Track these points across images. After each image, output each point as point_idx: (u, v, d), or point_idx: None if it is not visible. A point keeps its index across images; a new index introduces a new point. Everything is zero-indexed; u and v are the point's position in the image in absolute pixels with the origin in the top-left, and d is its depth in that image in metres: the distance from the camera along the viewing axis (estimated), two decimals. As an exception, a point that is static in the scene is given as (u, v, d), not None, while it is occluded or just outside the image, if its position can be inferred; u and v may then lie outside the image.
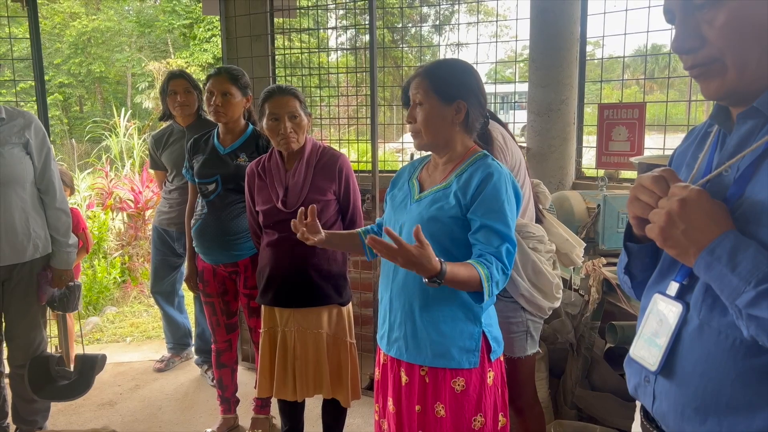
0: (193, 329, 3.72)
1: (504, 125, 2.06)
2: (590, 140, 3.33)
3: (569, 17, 3.11)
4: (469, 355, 1.61)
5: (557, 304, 2.00)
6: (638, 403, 1.06)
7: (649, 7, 2.96)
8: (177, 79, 3.26)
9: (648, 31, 3.01)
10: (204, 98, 2.62)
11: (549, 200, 2.23)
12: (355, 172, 2.47)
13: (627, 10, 3.05)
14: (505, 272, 1.56)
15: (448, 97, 1.62)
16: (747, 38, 0.85)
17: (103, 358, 2.83)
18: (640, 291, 1.09)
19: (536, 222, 2.08)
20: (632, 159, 2.58)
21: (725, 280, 0.81)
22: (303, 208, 1.75)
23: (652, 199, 0.91)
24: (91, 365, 2.75)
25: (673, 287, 0.95)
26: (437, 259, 1.42)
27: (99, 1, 18.26)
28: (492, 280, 1.51)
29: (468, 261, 1.53)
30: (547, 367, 2.61)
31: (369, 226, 2.00)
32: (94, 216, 5.78)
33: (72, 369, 2.76)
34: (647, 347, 0.97)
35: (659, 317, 0.96)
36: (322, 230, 1.77)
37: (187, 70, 13.97)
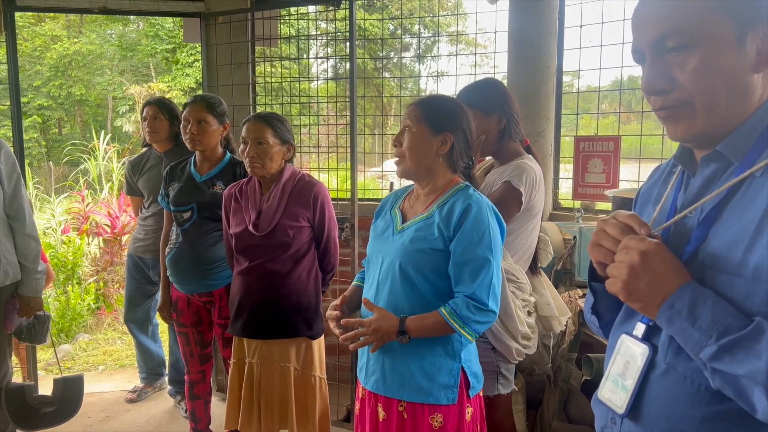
0: (167, 359, 3.64)
1: (539, 162, 2.09)
2: (568, 168, 3.37)
3: (546, 51, 3.17)
4: (448, 391, 1.60)
5: (528, 351, 1.99)
6: None
7: (623, 43, 3.03)
8: (148, 105, 3.28)
9: (622, 66, 3.07)
10: (181, 126, 2.61)
11: (549, 260, 2.25)
12: (335, 199, 2.47)
13: (602, 45, 3.13)
14: (481, 305, 1.56)
15: (436, 127, 1.65)
16: (717, 83, 0.87)
17: (81, 377, 2.78)
18: (607, 330, 1.09)
19: (533, 274, 2.10)
20: (606, 192, 2.62)
21: (687, 334, 0.82)
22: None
23: (614, 245, 0.92)
24: (76, 386, 2.70)
25: (640, 328, 0.95)
26: (392, 316, 1.57)
27: (81, 25, 18.24)
28: (457, 314, 1.54)
29: (435, 311, 1.58)
30: (525, 399, 2.59)
31: (362, 273, 1.95)
32: (69, 241, 5.68)
33: (51, 394, 2.68)
34: (614, 389, 0.96)
35: (626, 358, 0.95)
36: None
37: (169, 95, 14.01)
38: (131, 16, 15.78)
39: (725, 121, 0.89)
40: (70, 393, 2.67)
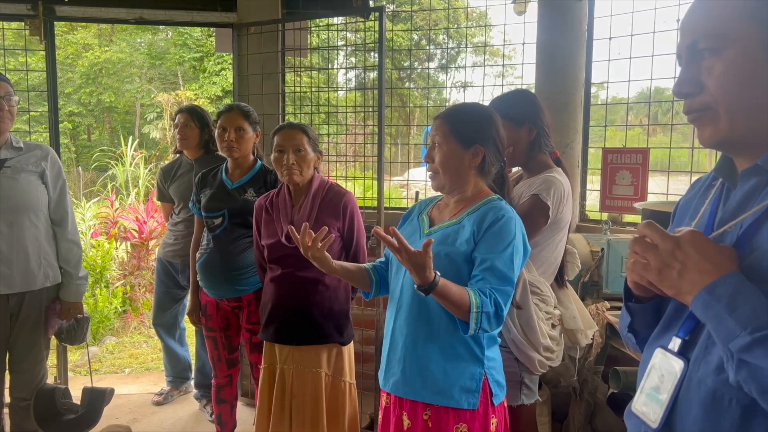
0: (193, 363, 3.69)
1: (568, 175, 2.09)
2: (595, 179, 3.36)
3: (575, 63, 3.18)
4: (469, 395, 1.60)
5: (551, 364, 1.99)
6: None
7: (652, 55, 3.02)
8: (180, 113, 3.36)
9: (651, 79, 3.07)
10: (216, 134, 2.66)
11: (575, 273, 2.24)
12: (361, 208, 2.49)
13: (631, 57, 3.12)
14: (498, 311, 1.53)
15: (466, 141, 1.67)
16: (742, 89, 0.87)
17: (111, 392, 2.81)
18: (644, 345, 1.09)
19: (559, 286, 2.10)
20: (636, 204, 2.60)
21: (721, 322, 0.81)
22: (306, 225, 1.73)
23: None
24: (99, 399, 2.73)
25: (675, 342, 0.94)
26: (435, 271, 1.46)
27: (112, 34, 18.64)
28: (482, 311, 1.50)
29: (465, 287, 1.54)
30: (550, 411, 2.58)
31: (378, 261, 1.99)
32: (98, 245, 5.80)
33: (78, 402, 2.73)
34: (649, 402, 0.96)
35: (661, 372, 0.95)
36: (327, 255, 1.76)
37: (196, 102, 14.21)
38: (160, 26, 16.08)
39: (757, 131, 0.88)
40: (94, 404, 2.71)
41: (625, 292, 1.09)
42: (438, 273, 1.47)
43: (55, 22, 3.42)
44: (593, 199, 3.45)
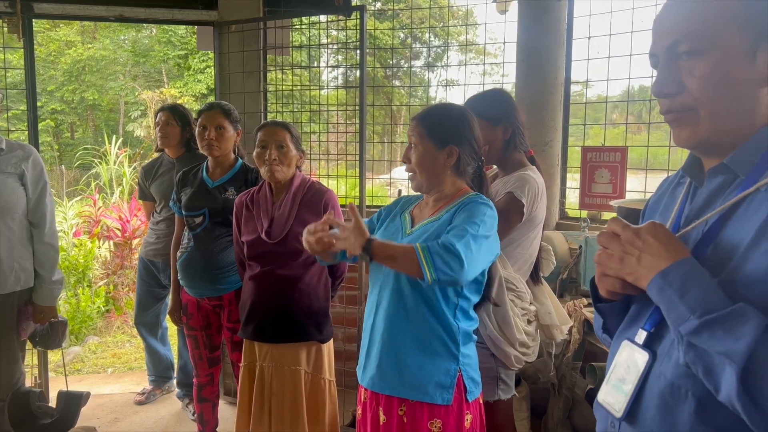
0: (175, 362, 3.68)
1: (542, 173, 2.12)
2: (576, 177, 3.39)
3: (554, 62, 3.21)
4: (443, 391, 1.62)
5: (527, 359, 2.01)
6: None
7: (630, 54, 3.06)
8: (161, 111, 3.35)
9: (630, 78, 3.10)
10: (196, 132, 2.66)
11: (551, 270, 2.27)
12: (343, 206, 2.50)
13: (609, 57, 3.15)
14: (451, 249, 1.49)
15: (440, 142, 1.69)
16: (723, 92, 0.89)
17: (87, 395, 2.78)
18: None
19: (535, 283, 2.12)
20: (611, 203, 2.64)
21: (673, 305, 0.84)
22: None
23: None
24: (75, 403, 2.71)
25: (641, 335, 0.97)
26: (366, 235, 1.54)
27: (95, 30, 18.46)
28: (429, 251, 1.48)
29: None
30: (529, 407, 2.61)
31: None
32: (81, 244, 5.75)
33: (54, 405, 2.71)
34: (614, 393, 0.99)
35: (626, 364, 0.98)
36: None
37: (180, 100, 14.15)
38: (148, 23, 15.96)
39: (730, 132, 0.91)
40: (69, 408, 2.69)
41: (592, 294, 1.12)
42: (371, 237, 1.55)
43: (35, 20, 3.39)
44: (574, 198, 3.48)
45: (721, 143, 0.93)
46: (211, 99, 3.22)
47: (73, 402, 2.70)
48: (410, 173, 1.73)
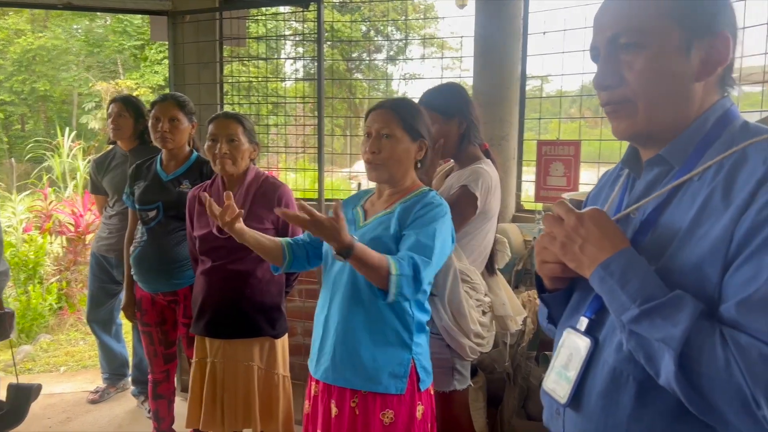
0: (130, 359, 3.61)
1: (496, 166, 2.14)
2: (530, 171, 3.44)
3: (510, 57, 3.24)
4: (397, 381, 1.64)
5: (482, 350, 2.04)
6: None
7: (584, 50, 3.12)
8: (113, 103, 3.26)
9: (583, 73, 3.16)
10: (149, 124, 2.60)
11: (506, 261, 2.30)
12: (304, 200, 2.48)
13: (564, 52, 3.21)
14: (417, 275, 1.51)
15: (415, 135, 1.70)
16: (660, 85, 0.92)
17: (38, 388, 2.70)
18: None
19: (489, 274, 2.15)
20: (564, 195, 2.69)
21: (614, 295, 0.87)
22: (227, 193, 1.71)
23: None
24: (25, 396, 2.63)
25: (583, 322, 0.99)
26: (350, 236, 1.45)
27: (46, 19, 17.82)
28: (401, 273, 1.48)
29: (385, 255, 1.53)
30: (485, 397, 2.65)
31: (298, 236, 1.96)
32: (31, 239, 5.57)
33: (4, 399, 2.62)
34: (558, 380, 1.01)
35: (569, 351, 1.00)
36: (242, 222, 1.74)
37: (137, 92, 13.81)
38: (98, 12, 15.48)
39: (666, 125, 0.94)
40: (19, 401, 2.61)
41: (537, 284, 1.14)
42: (355, 237, 1.48)
43: (-24, 6, 3.26)
44: (531, 190, 3.54)
45: (657, 135, 0.95)
46: (168, 91, 3.14)
47: (23, 395, 2.62)
48: (375, 164, 1.68)
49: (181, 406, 3.03)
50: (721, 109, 0.94)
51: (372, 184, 1.86)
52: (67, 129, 9.95)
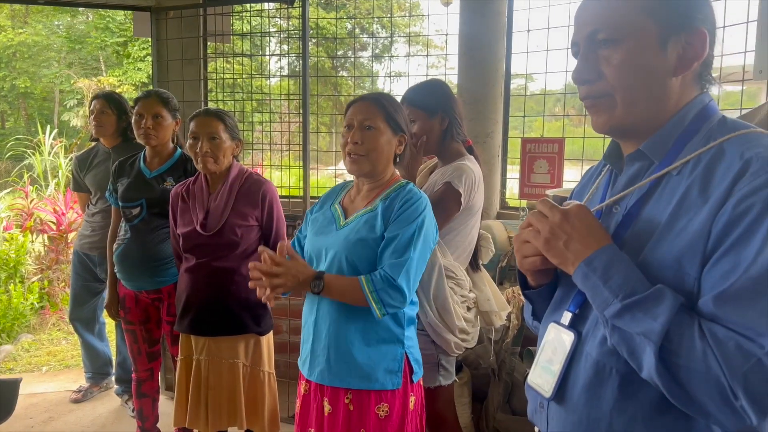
0: (113, 358, 3.58)
1: (480, 163, 2.15)
2: (515, 168, 3.47)
3: (495, 54, 3.26)
4: (393, 376, 1.65)
5: (467, 345, 2.05)
6: (537, 429, 1.11)
7: (568, 48, 3.14)
8: (96, 99, 3.22)
9: (567, 71, 3.18)
10: (132, 121, 2.58)
11: (490, 257, 2.30)
12: (289, 197, 2.47)
13: (548, 50, 3.23)
14: (392, 281, 1.56)
15: (396, 129, 1.71)
16: (637, 80, 0.93)
17: (20, 381, 2.68)
18: None
19: (474, 270, 2.16)
20: (548, 192, 2.72)
21: (597, 291, 0.88)
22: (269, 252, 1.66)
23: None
24: (11, 390, 2.60)
25: (567, 316, 1.01)
26: (312, 269, 1.59)
27: (27, 15, 17.56)
28: (376, 289, 1.55)
29: (356, 277, 1.60)
30: (470, 392, 2.66)
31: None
32: (12, 238, 5.49)
33: None
34: (543, 374, 1.02)
35: (554, 345, 1.01)
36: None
37: (120, 89, 13.65)
38: (80, 8, 15.27)
39: (644, 118, 0.96)
40: (4, 396, 2.58)
41: (521, 282, 1.15)
42: (322, 271, 1.60)
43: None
44: (515, 187, 3.56)
45: (636, 129, 0.97)
46: (152, 88, 3.12)
47: (8, 389, 2.59)
48: (357, 155, 1.68)
49: (165, 405, 3.02)
50: (699, 105, 0.96)
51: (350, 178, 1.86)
52: (49, 126, 9.83)
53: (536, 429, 1.11)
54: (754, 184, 0.81)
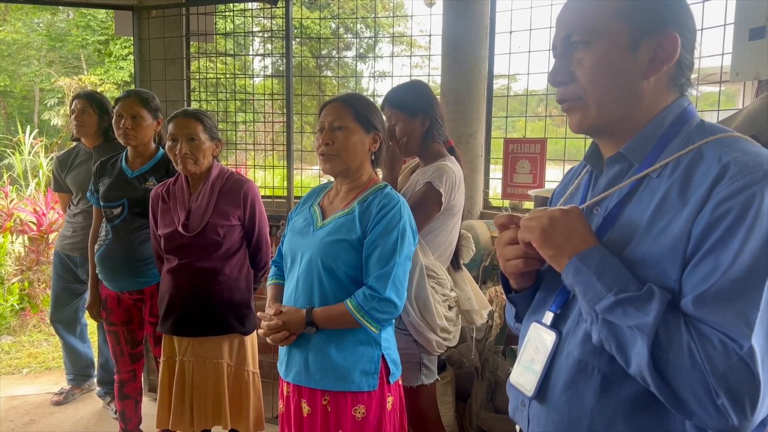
0: (96, 359, 3.55)
1: (461, 163, 2.15)
2: (498, 169, 3.49)
3: (478, 55, 3.29)
4: (369, 378, 1.65)
5: (448, 344, 2.07)
6: (518, 427, 1.12)
7: (549, 49, 3.17)
8: (77, 99, 3.19)
9: (548, 72, 3.22)
10: (113, 121, 2.56)
11: (470, 256, 2.32)
12: (273, 197, 2.47)
13: (530, 51, 3.26)
14: (376, 295, 1.60)
15: (369, 127, 1.71)
16: (608, 82, 0.95)
17: None
18: None
19: (455, 269, 2.17)
20: (530, 192, 2.74)
21: (590, 285, 0.89)
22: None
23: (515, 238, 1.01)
24: None
25: (548, 316, 1.02)
26: (300, 309, 1.66)
27: (6, 13, 17.29)
28: (364, 309, 1.60)
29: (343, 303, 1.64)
30: (454, 391, 2.68)
31: (275, 270, 1.98)
32: (-10, 239, 5.41)
33: None
34: (524, 373, 1.03)
35: (535, 345, 1.02)
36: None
37: (101, 88, 13.50)
38: (61, 6, 15.06)
39: (617, 119, 0.97)
40: None
41: (503, 285, 1.16)
42: (308, 307, 1.66)
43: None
44: (499, 188, 3.58)
45: (610, 130, 0.99)
46: (133, 88, 3.10)
47: None
48: (328, 155, 1.69)
49: (148, 407, 3.00)
50: (678, 108, 0.98)
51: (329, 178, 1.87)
52: (29, 126, 9.70)
53: (517, 428, 1.12)
54: (732, 188, 0.83)
